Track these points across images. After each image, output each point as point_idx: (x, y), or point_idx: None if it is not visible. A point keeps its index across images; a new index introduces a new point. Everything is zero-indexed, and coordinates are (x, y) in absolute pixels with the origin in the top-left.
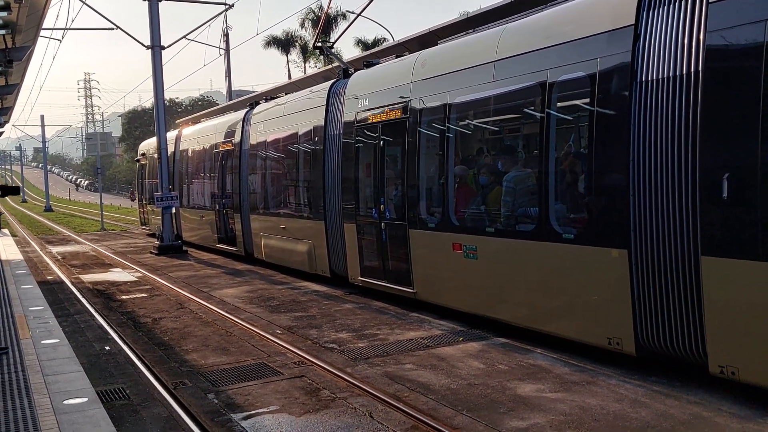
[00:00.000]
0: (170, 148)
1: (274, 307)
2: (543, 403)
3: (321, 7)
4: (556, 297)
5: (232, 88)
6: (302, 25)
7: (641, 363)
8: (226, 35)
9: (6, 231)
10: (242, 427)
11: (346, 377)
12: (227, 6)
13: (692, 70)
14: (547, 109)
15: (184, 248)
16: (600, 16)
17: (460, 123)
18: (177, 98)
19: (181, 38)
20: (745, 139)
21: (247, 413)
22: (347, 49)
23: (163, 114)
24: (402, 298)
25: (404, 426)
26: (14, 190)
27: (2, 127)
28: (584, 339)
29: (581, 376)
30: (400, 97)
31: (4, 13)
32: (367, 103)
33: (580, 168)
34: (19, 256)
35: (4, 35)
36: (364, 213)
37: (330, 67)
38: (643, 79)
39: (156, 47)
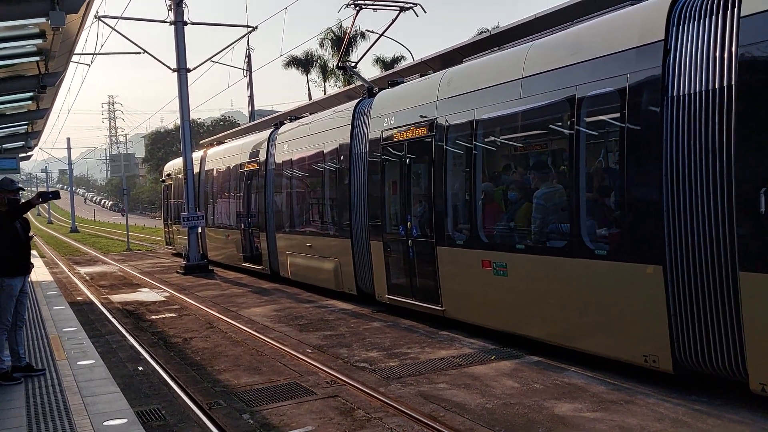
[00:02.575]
0: (195, 169)
1: (303, 326)
2: (582, 423)
3: (341, 27)
4: (589, 314)
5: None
6: (322, 45)
7: (679, 381)
8: (249, 57)
9: (34, 252)
10: None
11: (379, 397)
12: (251, 28)
13: (725, 84)
14: (576, 125)
15: (210, 267)
16: (628, 31)
17: (487, 140)
18: (199, 119)
19: (206, 60)
20: None
21: None
22: (366, 69)
23: (188, 135)
24: (429, 316)
25: None
26: (54, 195)
27: (31, 150)
28: (619, 356)
29: (619, 395)
30: (426, 115)
31: (39, 41)
32: (392, 122)
33: (611, 183)
34: (49, 278)
35: (38, 62)
36: (391, 230)
37: (353, 86)
38: (675, 94)
39: (182, 70)
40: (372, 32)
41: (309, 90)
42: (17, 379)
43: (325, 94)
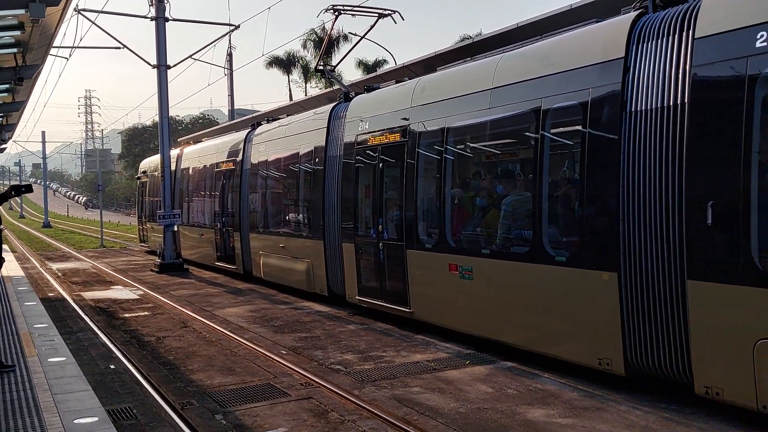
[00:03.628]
0: (171, 167)
1: (278, 327)
2: (554, 429)
3: (324, 29)
4: (549, 318)
5: (234, 107)
6: (304, 46)
7: (652, 390)
8: (230, 55)
9: (5, 247)
10: None
11: (354, 399)
12: (233, 27)
13: (679, 101)
14: (541, 136)
15: (185, 266)
16: (592, 48)
17: (458, 147)
18: (178, 116)
19: (187, 58)
20: (728, 168)
21: None
22: (348, 71)
23: (167, 132)
24: (404, 319)
25: None
26: (27, 189)
27: (5, 143)
28: (576, 360)
29: (591, 401)
30: (400, 120)
31: (17, 32)
32: (367, 126)
33: (572, 193)
34: (21, 273)
35: (15, 53)
36: (363, 233)
37: (333, 89)
38: (633, 109)
39: (162, 66)
40: (355, 35)
41: (290, 90)
42: None
43: (306, 95)
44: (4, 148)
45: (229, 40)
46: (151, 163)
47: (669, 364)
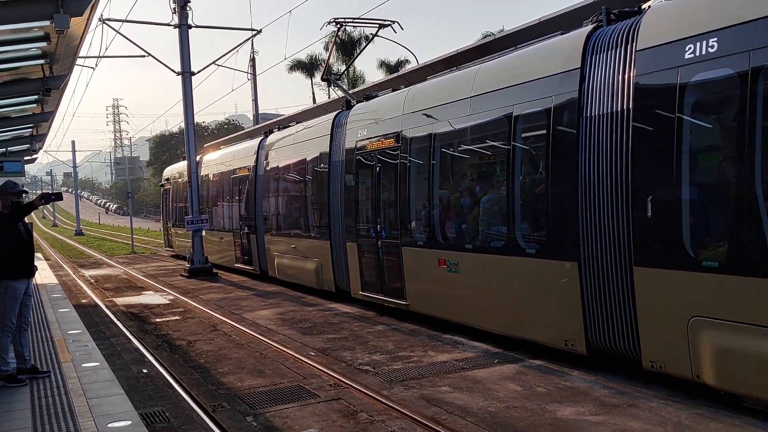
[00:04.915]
0: None
1: (306, 329)
2: (585, 426)
3: (345, 31)
4: (524, 306)
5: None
6: (326, 48)
7: (677, 386)
8: (253, 60)
9: (39, 255)
10: None
11: (382, 400)
12: (255, 32)
13: (625, 107)
14: (512, 140)
15: (214, 271)
16: (554, 59)
17: (443, 151)
18: (204, 122)
19: (211, 64)
20: (663, 166)
21: None
22: (371, 72)
23: (193, 138)
24: (434, 320)
25: None
26: (56, 197)
27: (36, 153)
28: (548, 342)
29: (621, 398)
30: (393, 127)
31: (43, 44)
32: (365, 133)
33: (539, 191)
34: (54, 280)
35: (42, 65)
36: (364, 233)
37: (343, 96)
38: (588, 115)
39: (186, 73)
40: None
41: (313, 93)
42: (22, 381)
43: (329, 97)
44: (36, 158)
45: (252, 45)
46: (173, 170)
47: (622, 342)
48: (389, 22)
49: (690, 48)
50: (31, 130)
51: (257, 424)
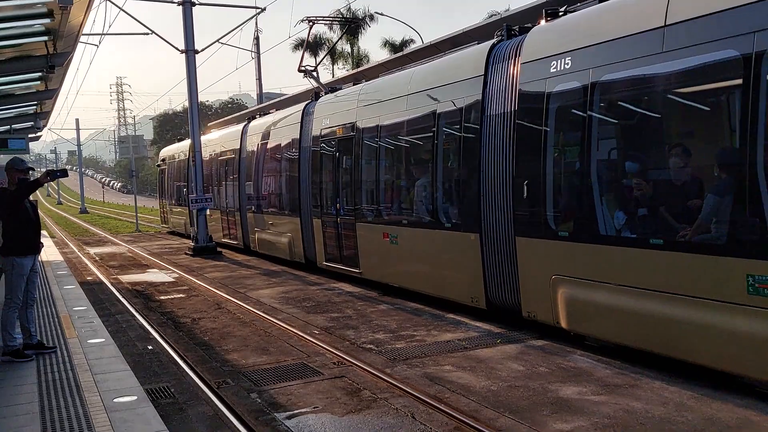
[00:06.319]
0: (184, 155)
1: (311, 308)
2: (586, 406)
3: (350, 9)
4: (445, 270)
5: (262, 91)
6: (330, 28)
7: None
8: (257, 39)
9: (44, 232)
10: (286, 426)
11: (386, 378)
12: (259, 10)
13: (511, 109)
14: (436, 133)
15: (218, 249)
16: (466, 66)
17: (387, 140)
18: (207, 101)
19: (214, 42)
20: (534, 157)
21: (290, 413)
22: (375, 51)
23: (197, 117)
24: (434, 299)
25: (447, 427)
26: (62, 173)
27: (41, 131)
28: (461, 300)
29: (624, 378)
30: (350, 118)
31: (47, 20)
32: (328, 122)
33: (455, 177)
34: (59, 257)
35: (46, 42)
36: (327, 211)
37: (330, 80)
38: (488, 114)
39: (190, 51)
40: (381, 14)
41: (317, 72)
42: (29, 356)
43: (333, 77)
44: (40, 136)
45: (256, 23)
46: (168, 151)
47: (510, 298)
48: (359, 20)
49: (554, 64)
50: (35, 107)
51: (261, 401)
